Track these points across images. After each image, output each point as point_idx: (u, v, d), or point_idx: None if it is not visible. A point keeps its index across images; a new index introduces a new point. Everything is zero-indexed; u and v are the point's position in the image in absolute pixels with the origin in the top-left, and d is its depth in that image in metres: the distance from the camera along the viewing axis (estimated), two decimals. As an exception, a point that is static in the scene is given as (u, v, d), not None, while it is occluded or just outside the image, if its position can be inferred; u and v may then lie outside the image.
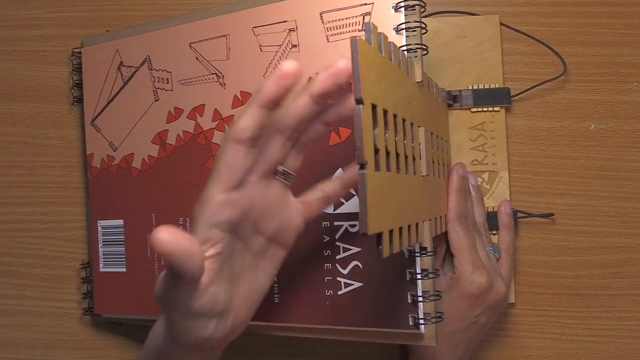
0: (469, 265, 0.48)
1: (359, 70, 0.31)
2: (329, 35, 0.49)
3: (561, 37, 0.59)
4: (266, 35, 0.52)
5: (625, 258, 0.58)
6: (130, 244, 0.58)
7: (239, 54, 0.53)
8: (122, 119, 0.58)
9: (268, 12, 0.51)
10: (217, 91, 0.53)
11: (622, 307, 0.57)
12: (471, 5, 0.59)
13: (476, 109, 0.56)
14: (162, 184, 0.56)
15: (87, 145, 0.60)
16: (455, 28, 0.57)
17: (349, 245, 0.47)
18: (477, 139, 0.56)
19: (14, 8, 0.65)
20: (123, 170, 0.58)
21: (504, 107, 0.57)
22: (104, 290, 0.59)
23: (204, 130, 0.54)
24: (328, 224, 0.48)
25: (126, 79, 0.58)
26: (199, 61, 0.54)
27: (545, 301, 0.58)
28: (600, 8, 0.59)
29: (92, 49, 0.61)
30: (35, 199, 0.64)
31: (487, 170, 0.56)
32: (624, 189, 0.58)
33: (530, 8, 0.59)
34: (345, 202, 0.47)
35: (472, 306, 0.48)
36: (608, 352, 0.57)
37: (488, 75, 0.57)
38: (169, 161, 0.56)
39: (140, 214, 0.57)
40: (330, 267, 0.47)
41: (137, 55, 0.58)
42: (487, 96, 0.56)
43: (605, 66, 0.58)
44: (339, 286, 0.47)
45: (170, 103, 0.56)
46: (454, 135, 0.56)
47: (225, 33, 0.53)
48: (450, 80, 0.57)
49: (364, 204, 0.30)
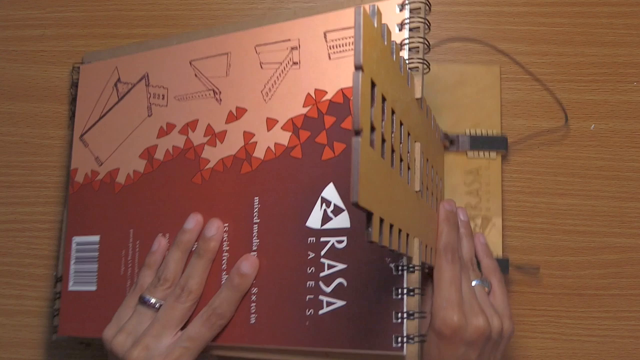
0: (443, 301, 0.44)
1: (361, 35, 0.30)
2: (331, 53, 0.49)
3: (561, 37, 0.59)
4: (268, 53, 0.51)
5: (625, 258, 0.58)
6: (103, 261, 0.55)
7: (238, 71, 0.52)
8: (112, 133, 0.57)
9: (273, 31, 0.51)
10: (212, 106, 0.53)
11: (622, 307, 0.57)
12: (471, 5, 0.59)
13: (472, 154, 0.56)
14: (144, 199, 0.54)
15: (72, 159, 0.58)
16: (455, 75, 0.57)
17: (334, 262, 0.45)
18: (472, 184, 0.56)
19: (14, 8, 0.65)
20: (106, 186, 0.56)
21: (500, 153, 0.56)
22: (71, 310, 0.56)
23: (195, 146, 0.53)
24: (314, 239, 0.46)
25: (122, 95, 0.57)
26: (197, 78, 0.54)
27: (545, 301, 0.58)
28: (600, 8, 0.59)
29: (90, 66, 0.59)
30: (35, 199, 0.64)
31: (480, 215, 0.56)
32: (624, 189, 0.58)
33: (530, 8, 0.59)
34: (333, 217, 0.46)
35: (450, 345, 0.44)
36: (608, 352, 0.57)
37: (486, 122, 0.57)
38: (155, 176, 0.54)
39: (117, 229, 0.55)
40: (313, 285, 0.45)
41: (135, 72, 0.57)
42: (484, 142, 0.56)
43: (605, 66, 0.58)
44: (320, 305, 0.45)
45: (163, 118, 0.55)
46: (448, 178, 0.56)
47: (227, 51, 0.53)
48: (448, 125, 0.57)
49: (357, 171, 0.29)
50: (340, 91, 0.47)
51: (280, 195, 0.48)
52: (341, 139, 0.47)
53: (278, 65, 0.51)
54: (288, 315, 0.46)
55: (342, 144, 0.47)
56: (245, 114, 0.51)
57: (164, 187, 0.53)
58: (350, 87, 0.47)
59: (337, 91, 0.48)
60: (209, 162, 0.52)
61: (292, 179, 0.48)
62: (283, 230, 0.47)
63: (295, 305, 0.45)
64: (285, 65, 0.50)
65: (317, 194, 0.46)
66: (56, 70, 0.65)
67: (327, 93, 0.48)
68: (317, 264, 0.45)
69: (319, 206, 0.46)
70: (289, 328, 0.45)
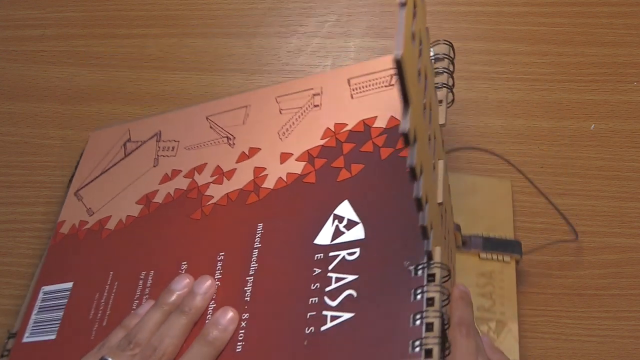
0: None
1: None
2: (354, 93, 0.48)
3: (561, 37, 0.59)
4: (289, 101, 0.50)
5: (625, 258, 0.57)
6: (72, 306, 0.48)
7: (256, 119, 0.50)
8: (111, 186, 0.54)
9: (296, 84, 0.51)
10: (224, 150, 0.50)
11: (622, 307, 0.57)
12: (471, 5, 0.59)
13: (485, 256, 0.54)
14: (132, 240, 0.49)
15: (62, 212, 0.55)
16: (468, 184, 0.57)
17: (343, 275, 0.40)
18: (485, 286, 0.53)
19: (14, 8, 0.65)
20: (93, 233, 0.51)
21: (514, 258, 0.54)
22: None
23: (199, 185, 0.49)
24: (321, 255, 0.41)
25: (129, 152, 0.55)
26: (212, 129, 0.52)
27: (545, 301, 0.58)
28: (600, 8, 0.59)
29: (100, 132, 0.58)
30: (35, 199, 0.64)
31: (494, 319, 0.53)
32: (624, 189, 0.58)
33: (530, 8, 0.59)
34: (346, 231, 0.41)
35: None
36: (608, 352, 0.57)
37: (498, 228, 0.55)
38: (150, 218, 0.49)
39: (96, 272, 0.49)
40: (317, 300, 0.39)
41: (147, 131, 0.55)
42: (498, 245, 0.54)
43: (605, 66, 0.58)
44: (323, 321, 0.38)
45: (169, 167, 0.51)
46: (460, 278, 0.53)
47: (246, 104, 0.52)
48: (461, 227, 0.55)
49: (401, 33, 0.27)
50: (362, 121, 0.46)
51: (287, 217, 0.44)
52: (359, 161, 0.44)
53: (298, 109, 0.49)
54: (283, 337, 0.39)
55: (360, 165, 0.44)
56: (258, 152, 0.49)
57: (158, 227, 0.48)
58: (372, 117, 0.46)
59: (358, 122, 0.46)
60: (212, 197, 0.48)
61: (302, 201, 0.44)
62: (287, 250, 0.43)
63: (294, 325, 0.39)
64: (306, 108, 0.49)
65: (329, 212, 0.43)
66: (56, 70, 0.65)
67: (347, 125, 0.46)
68: (324, 278, 0.40)
69: (331, 222, 0.42)
70: (283, 351, 0.38)
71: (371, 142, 0.45)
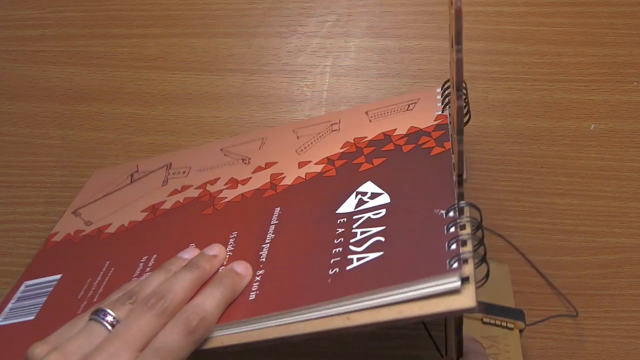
0: None
1: None
2: (372, 118, 0.49)
3: (561, 37, 0.59)
4: (306, 129, 0.51)
5: (625, 258, 0.58)
6: (57, 291, 0.45)
7: (272, 146, 0.51)
8: (114, 203, 0.52)
9: (314, 119, 0.51)
10: (239, 167, 0.49)
11: (622, 307, 0.57)
12: (471, 5, 0.59)
13: (488, 320, 0.52)
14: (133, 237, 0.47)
15: (55, 227, 0.54)
16: None
17: (369, 228, 0.38)
18: (490, 348, 0.51)
19: (14, 8, 0.65)
20: (90, 239, 0.49)
21: (518, 325, 0.52)
22: None
23: (211, 192, 0.48)
24: (344, 220, 0.39)
25: (135, 180, 0.53)
26: (226, 156, 0.51)
27: (545, 301, 0.58)
28: (600, 8, 0.59)
29: (106, 169, 0.58)
30: (35, 199, 0.64)
31: None
32: (624, 189, 0.58)
33: (530, 8, 0.59)
34: (370, 201, 0.40)
35: None
36: (608, 352, 0.57)
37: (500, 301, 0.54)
38: (155, 221, 0.47)
39: (89, 263, 0.46)
40: (341, 250, 0.37)
41: (157, 164, 0.54)
42: (501, 311, 0.52)
43: (605, 66, 0.58)
44: (349, 262, 0.36)
45: (180, 184, 0.51)
46: None
47: (262, 137, 0.52)
48: None
49: None
50: (382, 133, 0.47)
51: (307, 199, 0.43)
52: (381, 156, 0.44)
53: (316, 134, 0.50)
54: (303, 281, 0.36)
55: (382, 158, 0.44)
56: (275, 164, 0.49)
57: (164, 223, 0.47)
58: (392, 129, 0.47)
59: (378, 133, 0.47)
60: (225, 198, 0.47)
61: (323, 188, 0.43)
62: (307, 218, 0.41)
63: (314, 270, 0.36)
64: (324, 133, 0.50)
65: (351, 191, 0.42)
66: (56, 70, 0.65)
67: (366, 137, 0.47)
68: (348, 234, 0.38)
69: (354, 197, 0.41)
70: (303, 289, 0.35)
71: (392, 144, 0.45)
